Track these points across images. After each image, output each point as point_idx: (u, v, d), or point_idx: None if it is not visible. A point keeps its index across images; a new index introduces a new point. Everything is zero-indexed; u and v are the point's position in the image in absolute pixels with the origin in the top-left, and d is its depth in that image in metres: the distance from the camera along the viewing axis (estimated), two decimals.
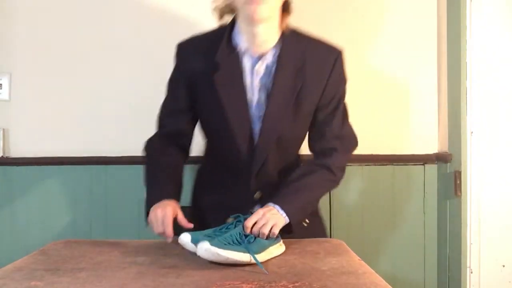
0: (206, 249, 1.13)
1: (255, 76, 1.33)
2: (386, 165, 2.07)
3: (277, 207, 1.30)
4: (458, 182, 1.94)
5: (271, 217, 1.24)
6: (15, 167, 2.04)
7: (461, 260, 1.94)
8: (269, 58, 1.33)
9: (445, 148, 2.04)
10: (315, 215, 1.55)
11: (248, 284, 1.03)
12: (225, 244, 1.14)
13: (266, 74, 1.33)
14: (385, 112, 2.07)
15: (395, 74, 2.07)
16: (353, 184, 2.06)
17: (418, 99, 2.08)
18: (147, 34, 2.04)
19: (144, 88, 2.04)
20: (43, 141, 2.04)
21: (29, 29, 2.04)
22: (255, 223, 1.22)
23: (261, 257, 1.16)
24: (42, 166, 2.03)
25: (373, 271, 1.13)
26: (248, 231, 1.21)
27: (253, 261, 1.13)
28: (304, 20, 2.04)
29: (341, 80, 1.43)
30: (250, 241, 1.18)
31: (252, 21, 1.26)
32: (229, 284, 1.03)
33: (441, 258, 2.06)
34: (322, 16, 2.05)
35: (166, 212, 1.28)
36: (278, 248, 1.25)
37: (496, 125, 1.95)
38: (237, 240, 1.17)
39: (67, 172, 2.03)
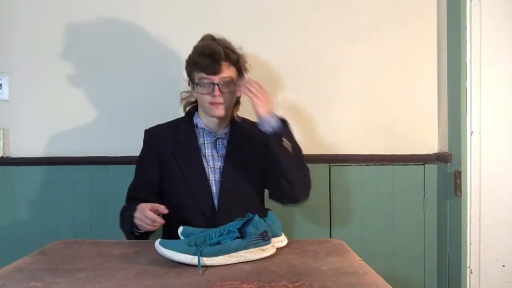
0: (155, 246, 1.20)
1: (214, 148, 1.66)
2: (386, 165, 2.07)
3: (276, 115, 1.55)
4: (458, 182, 1.94)
5: (266, 98, 1.54)
6: (15, 167, 2.03)
7: (461, 260, 1.93)
8: (223, 134, 1.68)
9: (445, 148, 2.04)
10: None
11: (248, 284, 1.03)
12: (176, 244, 1.19)
13: (223, 146, 1.67)
14: (385, 112, 2.07)
15: (395, 73, 2.07)
16: (353, 184, 2.06)
17: (418, 99, 2.08)
18: (147, 35, 2.04)
19: (144, 88, 2.05)
20: (43, 141, 2.04)
21: (29, 29, 2.04)
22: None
23: (220, 260, 1.17)
24: (42, 166, 2.03)
25: (374, 271, 1.13)
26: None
27: (206, 261, 1.16)
28: (306, 20, 2.05)
29: None
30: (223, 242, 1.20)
31: (213, 117, 1.63)
32: (229, 284, 1.03)
33: (441, 258, 2.06)
34: (323, 16, 2.05)
35: (142, 208, 1.41)
36: (261, 252, 1.24)
37: (496, 125, 1.95)
38: (201, 241, 1.20)
39: (67, 172, 2.03)
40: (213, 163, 1.64)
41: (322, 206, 2.05)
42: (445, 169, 2.02)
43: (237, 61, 1.62)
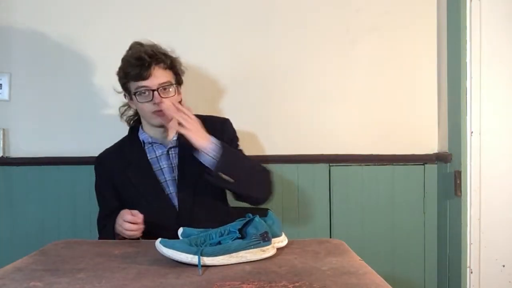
0: (156, 245, 1.19)
1: (167, 159, 1.60)
2: (386, 165, 2.07)
3: (213, 138, 1.46)
4: (458, 182, 1.94)
5: (197, 127, 1.43)
6: (15, 167, 2.04)
7: (461, 260, 1.93)
8: (174, 142, 1.61)
9: (445, 148, 2.04)
10: None
11: (248, 284, 1.03)
12: (177, 243, 1.18)
13: (176, 155, 1.61)
14: (385, 112, 2.07)
15: (395, 73, 2.07)
16: (353, 184, 2.06)
17: (418, 99, 2.09)
18: (147, 35, 2.03)
19: None
20: (43, 141, 2.04)
21: (29, 29, 2.04)
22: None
23: (221, 260, 1.17)
24: (42, 166, 2.03)
25: (374, 271, 1.13)
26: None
27: (206, 260, 1.16)
28: (306, 20, 2.05)
29: (232, 137, 1.67)
30: (221, 242, 1.20)
31: (157, 126, 1.58)
32: (229, 284, 1.03)
33: (441, 258, 2.06)
34: (323, 16, 2.05)
35: (121, 213, 1.41)
36: (261, 252, 1.23)
37: (496, 125, 1.95)
38: (202, 240, 1.20)
39: (67, 172, 2.03)
40: (169, 175, 1.59)
41: (322, 206, 2.05)
42: (445, 169, 2.02)
43: (172, 64, 1.57)
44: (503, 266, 1.96)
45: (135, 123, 1.69)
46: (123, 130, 2.02)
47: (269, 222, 1.32)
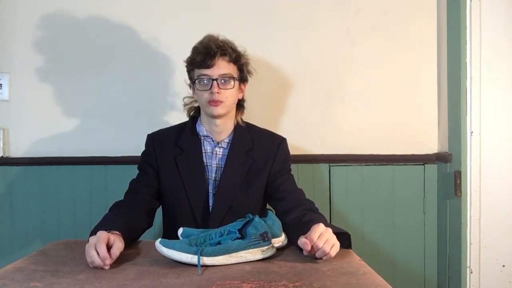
0: (156, 245, 1.20)
1: (213, 158, 1.60)
2: (386, 165, 2.07)
3: (330, 230, 1.26)
4: (458, 182, 1.94)
5: (331, 237, 1.24)
6: (15, 167, 2.04)
7: (461, 260, 1.93)
8: (225, 144, 1.62)
9: (445, 148, 2.04)
10: None
11: (248, 283, 1.03)
12: (177, 244, 1.19)
13: (223, 156, 1.60)
14: (385, 112, 2.07)
15: (395, 74, 2.07)
16: (353, 184, 2.06)
17: (418, 99, 2.08)
18: (147, 34, 2.04)
19: (144, 88, 2.05)
20: (43, 141, 2.04)
21: (29, 29, 2.04)
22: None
23: (220, 260, 1.18)
24: (42, 166, 2.03)
25: (374, 271, 1.13)
26: (308, 247, 1.20)
27: (206, 260, 1.17)
28: (306, 21, 2.06)
29: (286, 159, 1.67)
30: (221, 242, 1.21)
31: (212, 117, 1.58)
32: (229, 284, 1.03)
33: (441, 258, 2.06)
34: (323, 17, 2.05)
35: (98, 239, 1.21)
36: (261, 253, 1.24)
37: (496, 125, 1.95)
38: (201, 241, 1.21)
39: (67, 172, 2.03)
40: (212, 174, 1.59)
41: (322, 206, 2.04)
42: (445, 169, 2.02)
43: (237, 59, 1.58)
44: (503, 266, 1.96)
45: (195, 114, 1.68)
46: (123, 130, 2.03)
47: (269, 223, 1.32)
